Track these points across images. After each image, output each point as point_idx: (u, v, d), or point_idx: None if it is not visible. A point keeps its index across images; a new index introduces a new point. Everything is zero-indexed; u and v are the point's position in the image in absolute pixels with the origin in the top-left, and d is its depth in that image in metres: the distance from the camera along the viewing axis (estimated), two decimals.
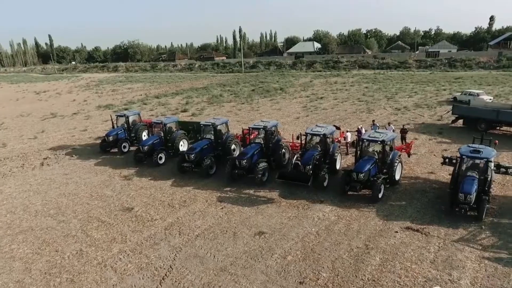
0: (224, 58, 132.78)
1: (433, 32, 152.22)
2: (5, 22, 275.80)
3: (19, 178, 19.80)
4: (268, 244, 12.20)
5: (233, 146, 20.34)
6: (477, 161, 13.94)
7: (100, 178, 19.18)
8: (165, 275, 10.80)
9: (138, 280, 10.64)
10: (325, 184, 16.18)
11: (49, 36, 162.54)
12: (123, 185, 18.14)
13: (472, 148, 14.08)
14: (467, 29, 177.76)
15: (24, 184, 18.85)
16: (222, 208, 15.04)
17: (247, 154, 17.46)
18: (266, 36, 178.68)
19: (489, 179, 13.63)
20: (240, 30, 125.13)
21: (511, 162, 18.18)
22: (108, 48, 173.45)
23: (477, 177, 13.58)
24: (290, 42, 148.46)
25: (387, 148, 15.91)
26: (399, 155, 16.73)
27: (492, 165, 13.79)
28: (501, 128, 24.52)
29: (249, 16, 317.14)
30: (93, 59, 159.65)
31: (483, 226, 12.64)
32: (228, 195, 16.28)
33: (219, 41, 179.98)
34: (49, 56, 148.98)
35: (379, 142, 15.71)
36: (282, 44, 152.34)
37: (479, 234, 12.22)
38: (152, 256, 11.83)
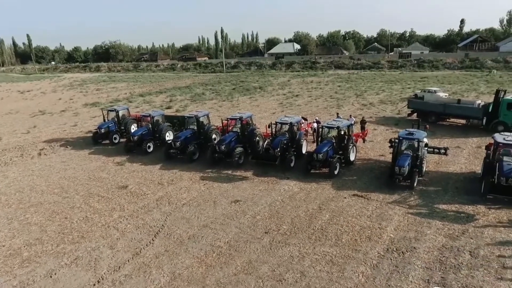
0: (206, 58, 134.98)
1: (407, 34, 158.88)
2: None
3: (21, 165, 22.01)
4: (242, 208, 15.06)
5: (213, 136, 23.13)
6: (411, 141, 17.16)
7: (95, 164, 21.61)
8: (159, 230, 13.52)
9: (137, 235, 13.31)
10: (291, 164, 19.17)
11: (28, 35, 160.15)
12: (117, 169, 20.65)
13: (407, 132, 17.37)
14: (440, 32, 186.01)
15: (26, 170, 21.09)
16: (204, 184, 17.83)
17: (225, 140, 20.29)
18: (247, 37, 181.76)
19: (420, 156, 16.91)
20: (222, 31, 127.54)
21: (451, 147, 21.56)
22: (88, 48, 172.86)
23: (411, 154, 16.84)
24: (271, 43, 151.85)
25: (342, 133, 19.02)
26: (353, 140, 19.91)
27: (423, 144, 17.08)
28: (449, 120, 28.18)
29: (231, 17, 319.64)
30: (73, 59, 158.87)
31: (413, 192, 15.87)
32: (209, 175, 19.06)
33: (201, 42, 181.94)
34: (27, 56, 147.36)
35: (335, 128, 18.83)
36: (263, 45, 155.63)
37: (408, 198, 15.43)
38: (147, 219, 14.51)
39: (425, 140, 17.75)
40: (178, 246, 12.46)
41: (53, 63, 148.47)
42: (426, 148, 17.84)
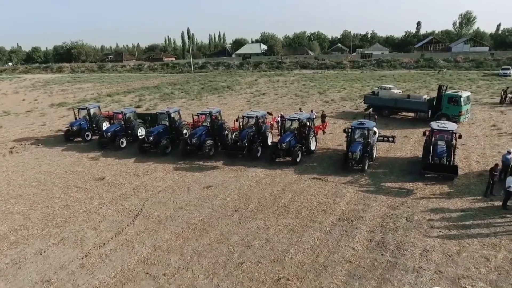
0: (173, 59, 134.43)
1: (369, 36, 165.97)
2: None
3: None
4: (214, 192, 16.64)
5: (184, 131, 24.49)
6: (363, 130, 19.43)
7: (70, 160, 22.36)
8: (138, 213, 14.83)
9: (117, 218, 14.55)
10: (258, 154, 20.95)
11: None
12: (92, 163, 21.55)
13: (359, 122, 19.65)
14: (399, 33, 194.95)
15: (0, 167, 21.49)
16: (178, 173, 19.23)
17: (196, 134, 21.75)
18: (214, 38, 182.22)
19: (371, 143, 19.21)
20: (188, 31, 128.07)
21: (400, 137, 24.17)
22: (47, 48, 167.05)
23: (362, 141, 19.10)
24: (238, 43, 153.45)
25: (302, 124, 21.02)
26: (314, 131, 22.01)
27: (372, 133, 19.40)
28: (400, 113, 31.10)
29: (197, 17, 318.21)
30: (32, 59, 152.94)
31: (364, 174, 18.10)
32: (182, 166, 20.46)
33: (167, 42, 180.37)
34: None
35: (296, 120, 20.82)
36: (230, 45, 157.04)
37: (360, 179, 17.63)
38: (126, 204, 15.75)
39: (375, 129, 20.11)
40: (156, 225, 13.86)
41: (10, 64, 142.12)
42: (376, 136, 20.21)
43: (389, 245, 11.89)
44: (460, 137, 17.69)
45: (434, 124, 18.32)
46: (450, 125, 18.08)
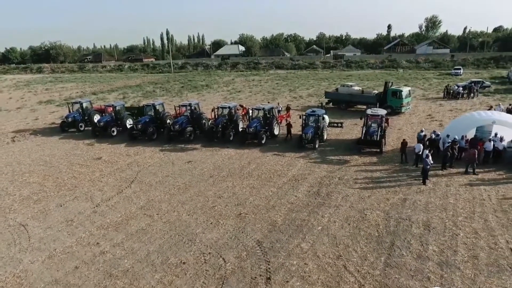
0: (153, 59, 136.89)
1: (343, 38, 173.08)
2: None
3: None
4: (193, 165, 20.77)
5: (168, 121, 28.43)
6: (314, 116, 23.98)
7: (68, 146, 25.94)
8: (133, 180, 18.79)
9: (117, 183, 18.47)
10: (230, 138, 25.19)
11: None
12: (88, 148, 25.23)
13: (312, 110, 24.24)
14: (372, 35, 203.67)
15: (7, 151, 24.86)
16: (164, 153, 23.24)
17: (178, 122, 25.80)
18: (194, 39, 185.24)
19: (321, 127, 23.80)
20: (167, 33, 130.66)
21: (350, 124, 28.91)
22: (21, 49, 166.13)
23: (314, 125, 23.66)
24: (217, 45, 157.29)
25: (267, 113, 25.41)
26: (277, 120, 26.46)
27: (321, 118, 24.00)
28: (356, 106, 36.03)
29: (176, 18, 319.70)
30: (8, 60, 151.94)
31: (314, 151, 22.64)
32: (167, 148, 24.46)
33: (146, 43, 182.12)
34: None
35: (261, 110, 25.22)
36: (209, 46, 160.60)
37: (311, 154, 22.15)
38: (122, 175, 19.67)
39: (325, 116, 24.75)
40: (149, 187, 17.88)
41: None
42: (326, 122, 24.87)
43: (322, 193, 16.37)
44: (387, 120, 22.46)
45: (369, 111, 23.10)
46: (381, 111, 22.88)
